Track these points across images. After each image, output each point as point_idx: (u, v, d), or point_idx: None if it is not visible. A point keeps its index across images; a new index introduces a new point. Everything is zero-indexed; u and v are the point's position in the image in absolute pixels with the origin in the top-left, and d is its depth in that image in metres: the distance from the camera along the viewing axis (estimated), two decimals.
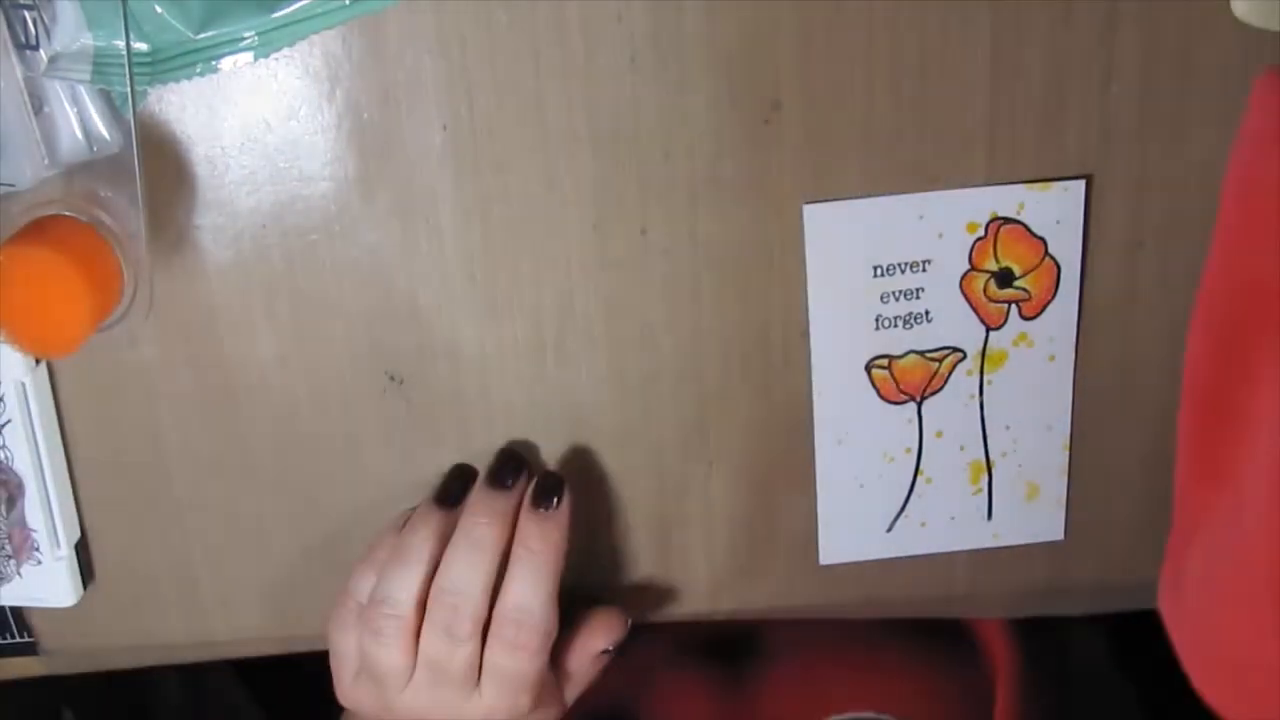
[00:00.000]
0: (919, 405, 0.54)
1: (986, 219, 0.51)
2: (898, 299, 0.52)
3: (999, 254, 0.52)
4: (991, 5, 0.48)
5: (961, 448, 0.54)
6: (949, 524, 0.56)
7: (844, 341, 0.53)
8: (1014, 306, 0.52)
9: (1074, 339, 0.53)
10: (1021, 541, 0.56)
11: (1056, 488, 0.55)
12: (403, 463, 0.55)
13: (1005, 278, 0.52)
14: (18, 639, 0.58)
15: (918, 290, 0.52)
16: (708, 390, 0.54)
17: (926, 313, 0.52)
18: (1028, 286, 0.52)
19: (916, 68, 0.49)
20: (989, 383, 0.53)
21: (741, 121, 0.49)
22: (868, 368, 0.53)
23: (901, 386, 0.53)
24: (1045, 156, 0.50)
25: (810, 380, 0.53)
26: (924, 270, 0.52)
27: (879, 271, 0.52)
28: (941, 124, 0.50)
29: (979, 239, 0.51)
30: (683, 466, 0.55)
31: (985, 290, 0.52)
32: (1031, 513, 0.56)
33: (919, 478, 0.55)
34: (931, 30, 0.48)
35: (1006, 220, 0.51)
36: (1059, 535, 0.56)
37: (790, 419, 0.54)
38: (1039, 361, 0.53)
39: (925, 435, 0.54)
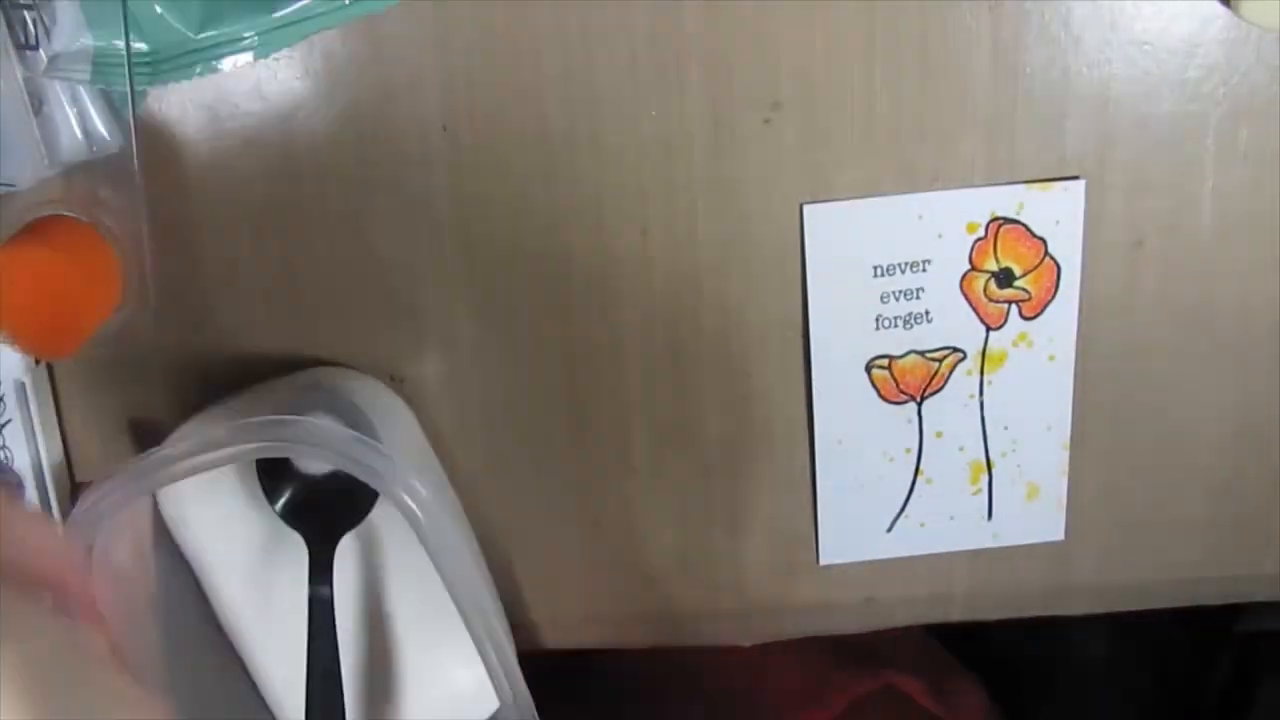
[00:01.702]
0: (919, 405, 0.54)
1: (986, 219, 0.51)
2: (898, 299, 0.52)
3: (999, 254, 0.52)
4: (991, 5, 0.48)
5: (961, 448, 0.54)
6: (949, 524, 0.56)
7: (844, 341, 0.53)
8: (1014, 306, 0.52)
9: (1074, 339, 0.53)
10: (1021, 541, 0.56)
11: (1056, 488, 0.55)
12: None
13: (1005, 278, 0.52)
14: None
15: (918, 290, 0.52)
16: (707, 390, 0.54)
17: (926, 313, 0.52)
18: (1028, 286, 0.52)
19: (917, 68, 0.49)
20: (989, 383, 0.53)
21: (741, 121, 0.49)
22: (868, 368, 0.53)
23: (901, 386, 0.53)
24: (1045, 156, 0.50)
25: (810, 380, 0.53)
26: (924, 270, 0.52)
27: (879, 271, 0.52)
28: (941, 124, 0.50)
29: (979, 239, 0.51)
30: (683, 467, 0.55)
31: (985, 290, 0.52)
32: (1031, 513, 0.55)
33: (919, 478, 0.55)
34: (931, 30, 0.48)
35: (1006, 220, 0.51)
36: (1059, 535, 0.56)
37: (790, 419, 0.54)
38: (1039, 361, 0.53)
39: (925, 435, 0.54)
